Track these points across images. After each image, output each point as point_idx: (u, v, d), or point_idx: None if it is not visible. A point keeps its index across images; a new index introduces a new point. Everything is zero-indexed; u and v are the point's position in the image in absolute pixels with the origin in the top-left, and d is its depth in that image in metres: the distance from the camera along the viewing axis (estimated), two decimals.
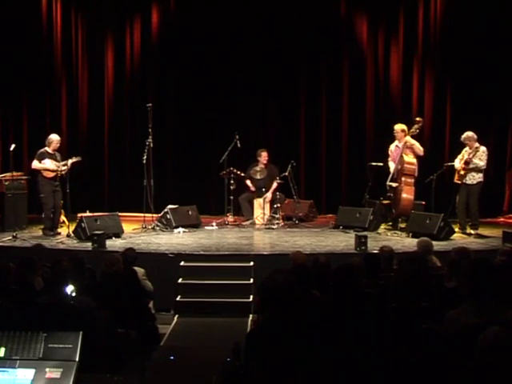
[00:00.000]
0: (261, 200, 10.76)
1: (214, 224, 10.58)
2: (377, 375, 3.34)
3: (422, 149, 9.86)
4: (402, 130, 9.89)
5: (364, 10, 12.10)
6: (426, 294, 4.25)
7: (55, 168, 9.53)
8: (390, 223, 10.18)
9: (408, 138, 9.78)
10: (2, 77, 11.89)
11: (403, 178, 9.76)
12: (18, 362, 2.79)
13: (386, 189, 10.06)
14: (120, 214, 9.98)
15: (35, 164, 9.60)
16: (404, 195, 9.76)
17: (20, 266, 5.24)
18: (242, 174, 10.92)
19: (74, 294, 4.52)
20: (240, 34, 11.94)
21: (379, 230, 9.95)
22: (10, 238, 9.08)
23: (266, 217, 10.64)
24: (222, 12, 11.99)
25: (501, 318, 3.42)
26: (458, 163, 9.63)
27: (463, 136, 9.55)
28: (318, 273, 5.23)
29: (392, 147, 10.09)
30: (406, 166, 9.74)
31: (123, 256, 6.37)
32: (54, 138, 9.73)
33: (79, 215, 9.92)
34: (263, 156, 11.01)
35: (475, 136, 9.50)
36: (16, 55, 11.91)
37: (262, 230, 10.38)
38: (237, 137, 10.81)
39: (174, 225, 10.11)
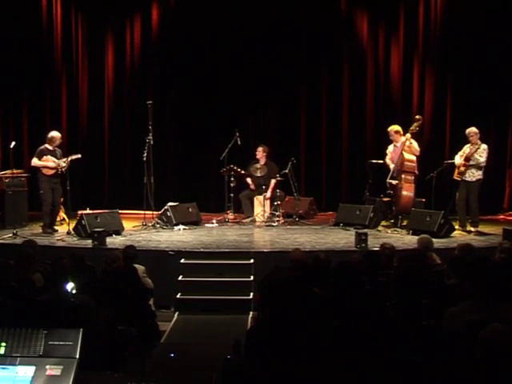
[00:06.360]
0: (261, 197, 10.75)
1: (214, 221, 10.59)
2: (377, 372, 3.34)
3: (418, 149, 9.86)
4: (396, 132, 9.94)
5: (364, 7, 12.09)
6: (426, 291, 4.26)
7: (54, 165, 9.52)
8: (391, 220, 10.18)
9: (409, 135, 9.77)
10: (2, 75, 11.89)
11: (403, 176, 9.76)
12: (19, 359, 2.78)
13: (386, 186, 10.06)
14: (120, 211, 9.97)
15: (35, 161, 9.58)
16: (404, 192, 9.76)
17: (16, 262, 5.23)
18: (243, 172, 10.91)
19: (74, 292, 4.52)
20: (240, 32, 11.93)
21: (379, 228, 9.95)
22: (11, 235, 9.08)
23: (267, 214, 10.63)
24: (222, 9, 11.97)
25: (501, 315, 3.43)
26: (458, 159, 9.61)
27: (468, 130, 9.52)
28: (318, 270, 5.23)
29: (390, 148, 10.10)
30: (406, 163, 9.74)
31: (123, 253, 6.38)
32: (56, 135, 9.70)
33: (79, 212, 9.93)
34: (258, 151, 11.00)
35: (479, 133, 9.50)
36: (16, 54, 11.90)
37: (262, 227, 10.37)
38: (237, 134, 10.81)
39: (174, 222, 10.10)
